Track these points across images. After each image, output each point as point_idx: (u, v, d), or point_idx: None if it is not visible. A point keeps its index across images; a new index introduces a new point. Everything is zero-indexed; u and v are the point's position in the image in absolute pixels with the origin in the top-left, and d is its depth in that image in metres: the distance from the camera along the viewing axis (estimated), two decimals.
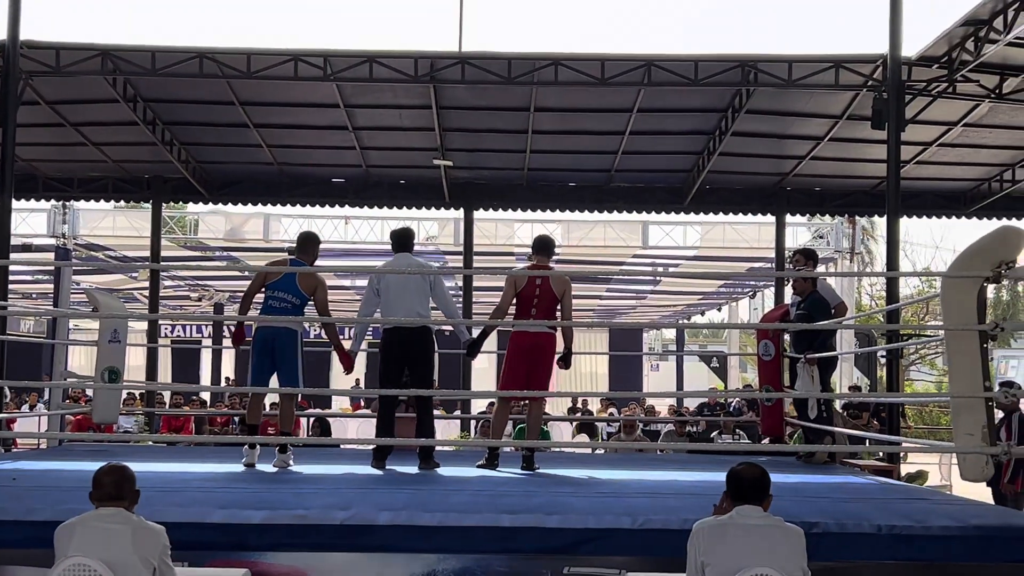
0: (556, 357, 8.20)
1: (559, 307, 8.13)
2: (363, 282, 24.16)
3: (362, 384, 24.54)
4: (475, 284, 19.14)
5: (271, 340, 7.94)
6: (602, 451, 11.08)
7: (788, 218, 18.61)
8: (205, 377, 28.23)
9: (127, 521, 4.36)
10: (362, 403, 21.26)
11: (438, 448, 8.80)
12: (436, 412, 9.49)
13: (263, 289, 8.10)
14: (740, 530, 4.35)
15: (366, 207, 18.43)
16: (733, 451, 9.65)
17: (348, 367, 8.39)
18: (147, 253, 18.43)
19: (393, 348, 8.07)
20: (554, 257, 8.95)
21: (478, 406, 15.38)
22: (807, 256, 9.79)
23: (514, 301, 8.14)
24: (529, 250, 8.71)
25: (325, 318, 8.23)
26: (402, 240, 8.42)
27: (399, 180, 17.90)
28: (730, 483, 4.52)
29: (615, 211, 18.22)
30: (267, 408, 9.18)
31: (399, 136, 16.23)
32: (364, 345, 8.99)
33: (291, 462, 8.01)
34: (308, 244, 8.37)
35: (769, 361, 9.70)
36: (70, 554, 4.23)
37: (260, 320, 8.13)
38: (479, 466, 8.10)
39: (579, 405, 21.40)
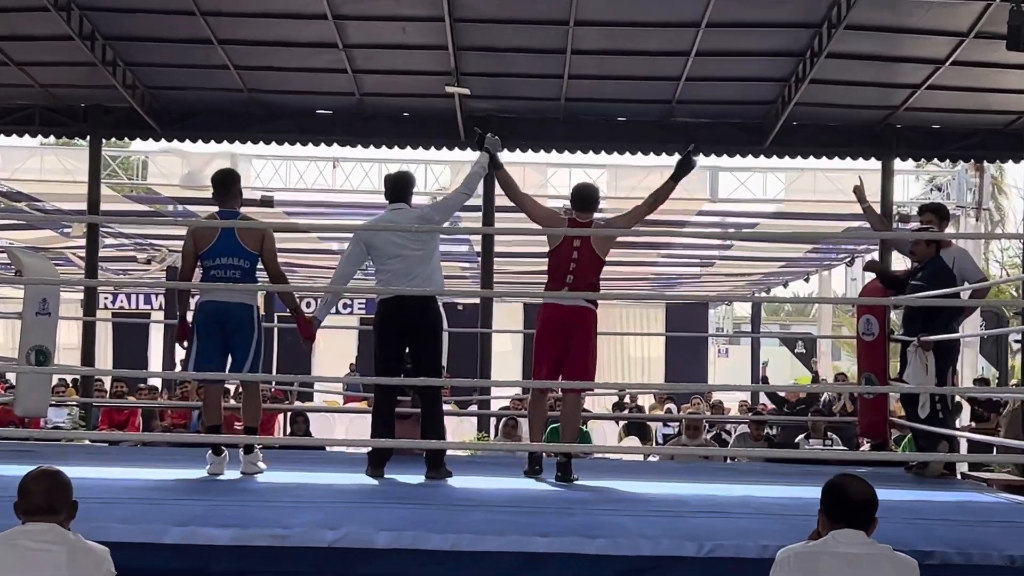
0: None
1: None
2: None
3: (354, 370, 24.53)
4: (497, 249, 19.06)
5: (220, 317, 7.93)
6: (656, 458, 11.15)
7: (897, 163, 18.49)
8: (155, 360, 28.31)
9: (62, 540, 4.37)
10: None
11: (450, 452, 8.86)
12: (446, 406, 9.52)
13: (198, 261, 8.07)
14: (837, 560, 4.34)
15: (360, 146, 18.45)
16: (824, 460, 9.87)
17: (308, 334, 8.33)
18: (83, 203, 18.45)
19: (390, 324, 8.08)
20: (599, 213, 8.82)
21: (500, 399, 15.41)
22: (938, 214, 9.66)
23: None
24: (566, 202, 8.68)
25: (282, 286, 8.30)
26: (398, 187, 8.42)
27: (401, 112, 17.83)
28: (827, 500, 4.49)
29: (676, 154, 17.97)
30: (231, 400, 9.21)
31: (402, 57, 16.18)
32: (355, 321, 9.05)
33: (262, 467, 8.05)
34: (227, 186, 8.26)
35: (872, 342, 9.68)
36: None
37: (205, 288, 8.08)
38: (526, 473, 8.16)
39: (627, 400, 21.46)
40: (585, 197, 8.36)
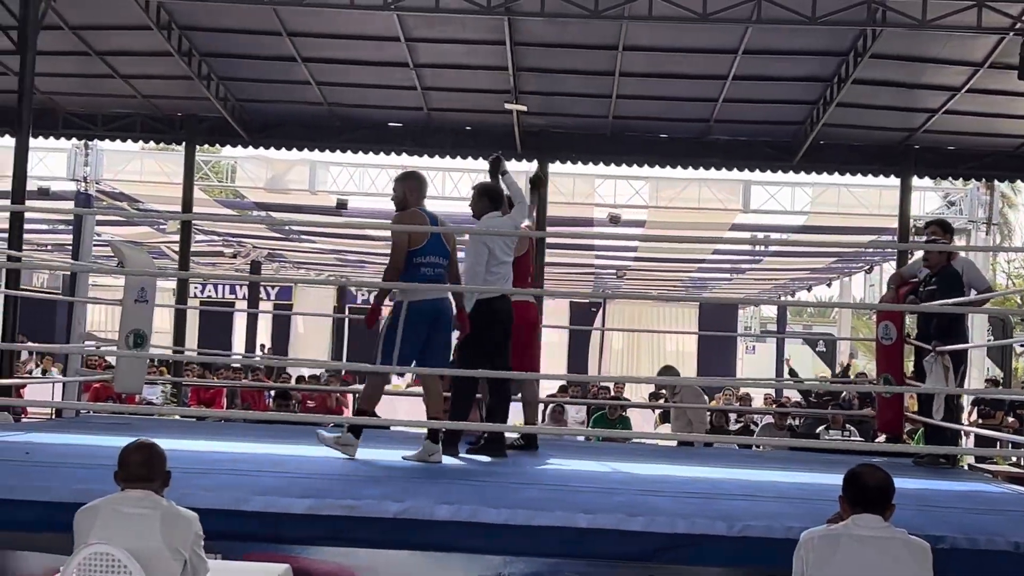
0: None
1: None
2: None
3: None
4: (548, 258, 18.88)
5: (437, 315, 7.71)
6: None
7: (915, 181, 18.30)
8: (238, 344, 28.49)
9: (156, 506, 4.42)
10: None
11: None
12: None
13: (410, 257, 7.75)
14: (856, 542, 4.33)
15: (426, 156, 18.44)
16: (844, 450, 9.83)
17: (468, 327, 8.06)
18: (179, 204, 18.56)
19: (500, 322, 8.19)
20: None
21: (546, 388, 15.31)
22: (944, 228, 9.71)
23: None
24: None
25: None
26: (500, 197, 8.65)
27: (464, 126, 17.87)
28: (848, 487, 4.49)
29: (712, 168, 18.07)
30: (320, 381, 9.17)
31: (466, 76, 16.18)
32: None
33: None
34: (420, 186, 8.41)
35: (890, 346, 9.61)
36: (91, 541, 4.28)
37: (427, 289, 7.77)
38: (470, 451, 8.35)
39: (663, 390, 21.31)
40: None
